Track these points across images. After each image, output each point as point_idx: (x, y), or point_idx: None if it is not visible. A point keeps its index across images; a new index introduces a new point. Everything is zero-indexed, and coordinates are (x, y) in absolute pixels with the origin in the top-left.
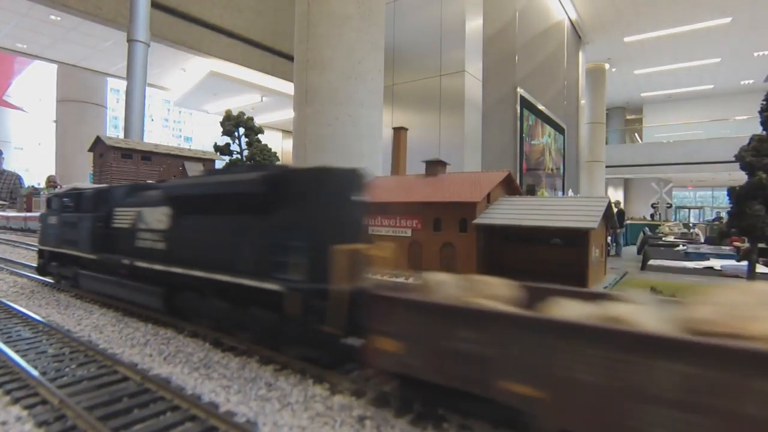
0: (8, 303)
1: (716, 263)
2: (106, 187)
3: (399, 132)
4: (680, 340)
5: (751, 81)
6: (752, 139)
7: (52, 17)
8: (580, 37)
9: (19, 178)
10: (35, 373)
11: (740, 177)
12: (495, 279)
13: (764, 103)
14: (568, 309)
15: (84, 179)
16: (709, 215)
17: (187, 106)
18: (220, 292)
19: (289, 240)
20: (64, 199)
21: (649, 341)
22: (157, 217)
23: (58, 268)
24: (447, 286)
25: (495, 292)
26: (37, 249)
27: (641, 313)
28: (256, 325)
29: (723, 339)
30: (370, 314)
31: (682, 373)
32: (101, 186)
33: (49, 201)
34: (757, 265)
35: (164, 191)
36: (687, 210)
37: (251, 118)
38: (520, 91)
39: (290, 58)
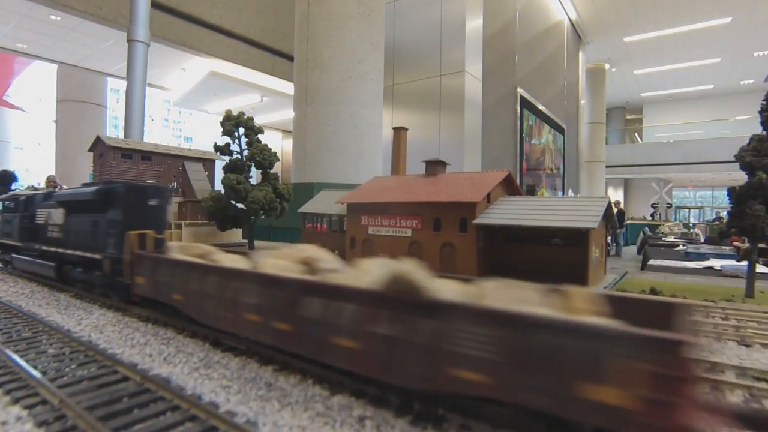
0: (6, 302)
1: (716, 263)
2: (33, 193)
3: (399, 132)
4: (203, 265)
5: (751, 81)
6: (752, 139)
7: (52, 17)
8: (580, 37)
9: None
10: (35, 373)
11: (740, 177)
12: (203, 245)
13: (764, 103)
14: (220, 257)
15: (84, 179)
16: (709, 215)
17: (187, 106)
18: (81, 263)
19: (110, 229)
20: (7, 202)
21: (203, 268)
22: (58, 215)
23: (2, 255)
24: (174, 249)
25: (195, 252)
26: None
27: (228, 258)
28: (96, 282)
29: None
30: (135, 265)
31: (214, 281)
32: (30, 192)
33: None
34: (757, 265)
35: (60, 197)
36: (687, 210)
37: (251, 118)
38: (520, 91)
39: (290, 58)
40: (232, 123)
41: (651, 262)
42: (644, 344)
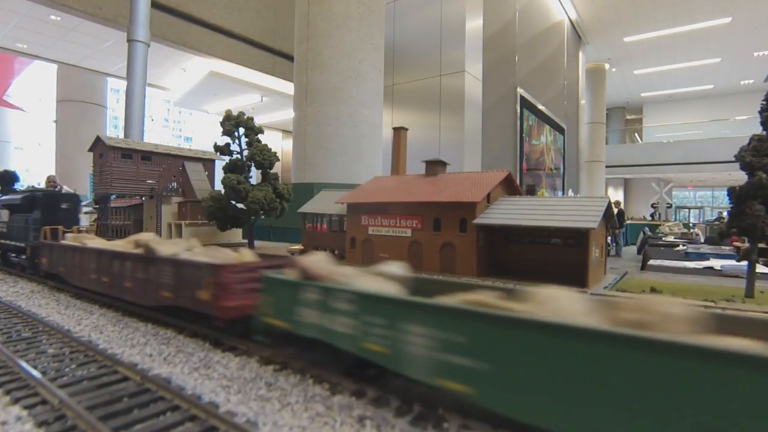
0: (6, 302)
1: (716, 263)
2: None
3: (399, 132)
4: (72, 246)
5: (751, 81)
6: (752, 139)
7: (52, 17)
8: (580, 37)
9: None
10: (35, 373)
11: (740, 177)
12: (90, 235)
13: (764, 103)
14: (89, 241)
15: (84, 179)
16: (709, 215)
17: (187, 106)
18: (15, 250)
19: (33, 224)
20: None
21: (71, 248)
22: (5, 214)
23: None
24: (68, 238)
25: (80, 239)
26: None
27: (93, 241)
28: (23, 263)
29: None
30: (41, 251)
31: (78, 256)
32: None
33: None
34: (757, 265)
35: (4, 201)
36: (687, 210)
37: (251, 118)
38: (520, 91)
39: (290, 58)
40: (232, 123)
41: (651, 262)
42: (210, 269)
